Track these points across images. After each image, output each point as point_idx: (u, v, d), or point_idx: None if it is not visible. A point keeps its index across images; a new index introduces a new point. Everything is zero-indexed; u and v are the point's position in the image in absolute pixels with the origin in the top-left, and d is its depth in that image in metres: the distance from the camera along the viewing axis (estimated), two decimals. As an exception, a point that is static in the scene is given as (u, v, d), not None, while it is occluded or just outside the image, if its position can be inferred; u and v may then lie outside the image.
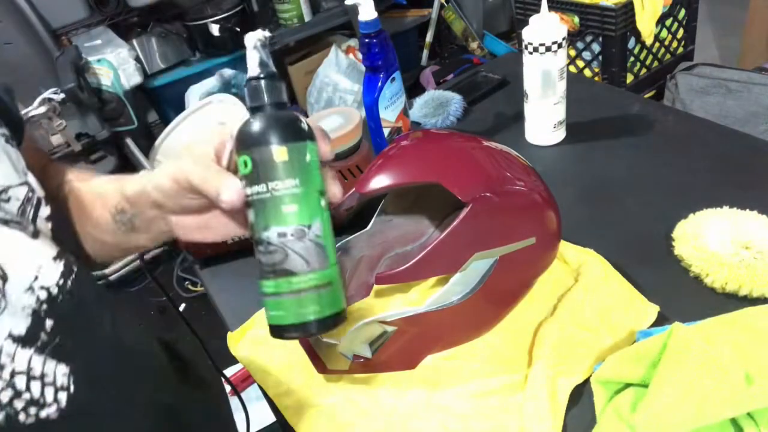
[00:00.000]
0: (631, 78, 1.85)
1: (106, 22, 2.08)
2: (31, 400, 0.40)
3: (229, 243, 0.84)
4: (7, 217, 0.41)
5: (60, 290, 0.43)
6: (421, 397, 0.61)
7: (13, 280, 0.40)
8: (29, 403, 0.40)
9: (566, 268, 0.71)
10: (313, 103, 2.34)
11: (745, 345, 0.54)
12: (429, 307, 0.60)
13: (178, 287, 2.05)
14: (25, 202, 0.44)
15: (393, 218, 0.74)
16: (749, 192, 0.76)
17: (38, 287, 0.42)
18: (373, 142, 0.94)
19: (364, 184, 0.58)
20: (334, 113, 0.82)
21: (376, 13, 0.86)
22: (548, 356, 0.60)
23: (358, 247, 0.72)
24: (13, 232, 0.41)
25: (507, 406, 0.58)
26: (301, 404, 0.63)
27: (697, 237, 0.68)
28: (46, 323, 0.42)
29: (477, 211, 0.57)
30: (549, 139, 0.95)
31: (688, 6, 1.90)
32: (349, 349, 0.62)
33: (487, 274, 0.60)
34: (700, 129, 0.94)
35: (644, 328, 0.62)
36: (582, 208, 0.81)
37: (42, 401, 0.41)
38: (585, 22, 1.77)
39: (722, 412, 0.49)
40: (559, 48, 0.85)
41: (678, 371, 0.50)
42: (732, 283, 0.64)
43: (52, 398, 0.41)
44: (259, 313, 0.74)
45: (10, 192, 0.43)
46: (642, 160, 0.88)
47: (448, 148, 0.62)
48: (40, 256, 0.43)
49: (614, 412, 0.54)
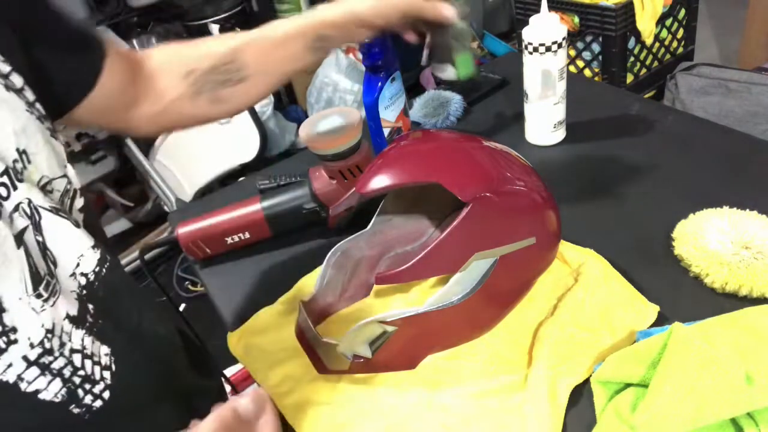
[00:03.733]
0: (631, 78, 1.85)
1: (106, 22, 2.08)
2: (86, 377, 0.44)
3: (228, 243, 0.84)
4: (56, 206, 0.44)
5: (96, 277, 0.46)
6: (421, 397, 0.61)
7: (62, 266, 0.44)
8: (84, 380, 0.44)
9: (566, 268, 0.71)
10: (313, 103, 2.34)
11: (745, 345, 0.54)
12: (429, 307, 0.60)
13: (178, 287, 2.05)
14: (64, 194, 0.47)
15: (393, 218, 0.74)
16: (749, 192, 0.76)
17: (79, 273, 0.45)
18: (373, 142, 0.94)
19: (364, 184, 0.58)
20: (334, 113, 0.82)
21: (376, 13, 0.85)
22: (548, 356, 0.60)
23: (358, 247, 0.72)
24: (62, 220, 0.44)
25: (507, 406, 0.58)
26: (301, 404, 0.62)
27: (697, 237, 0.68)
28: (89, 307, 0.45)
29: (477, 211, 0.57)
30: (549, 139, 0.95)
31: (688, 6, 1.90)
32: (349, 349, 0.62)
33: (487, 274, 0.60)
34: (700, 129, 0.94)
35: (644, 328, 0.62)
36: (582, 208, 0.81)
37: (93, 378, 0.45)
38: (585, 22, 1.77)
39: (722, 412, 0.49)
40: (559, 48, 0.85)
41: (678, 371, 0.50)
42: (732, 283, 0.64)
43: (99, 376, 0.45)
44: (259, 313, 0.74)
45: (54, 183, 0.46)
46: (642, 160, 0.88)
47: (448, 148, 0.62)
48: (81, 245, 0.46)
49: (614, 412, 0.54)
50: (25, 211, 0.42)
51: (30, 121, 0.44)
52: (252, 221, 0.83)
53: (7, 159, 0.41)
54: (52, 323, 0.42)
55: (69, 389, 0.43)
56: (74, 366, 0.43)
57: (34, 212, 0.42)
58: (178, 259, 2.10)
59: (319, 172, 0.83)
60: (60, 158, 0.47)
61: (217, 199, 1.04)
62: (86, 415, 0.45)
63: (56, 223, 0.44)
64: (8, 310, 0.39)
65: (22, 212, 0.41)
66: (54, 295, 0.42)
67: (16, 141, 0.42)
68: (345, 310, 0.72)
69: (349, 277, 0.72)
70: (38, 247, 0.42)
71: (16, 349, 0.40)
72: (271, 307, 0.75)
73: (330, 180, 0.82)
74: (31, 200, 0.42)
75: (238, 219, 0.83)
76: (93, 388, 0.45)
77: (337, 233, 0.83)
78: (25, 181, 0.42)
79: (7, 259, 0.39)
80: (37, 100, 0.46)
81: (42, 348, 0.41)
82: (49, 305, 0.41)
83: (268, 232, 0.85)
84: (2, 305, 0.39)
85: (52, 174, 0.46)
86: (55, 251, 0.43)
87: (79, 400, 0.44)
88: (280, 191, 0.84)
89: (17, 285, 0.40)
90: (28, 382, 0.41)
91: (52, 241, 0.43)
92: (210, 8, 2.20)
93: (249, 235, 0.84)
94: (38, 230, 0.42)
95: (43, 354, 0.41)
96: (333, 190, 0.82)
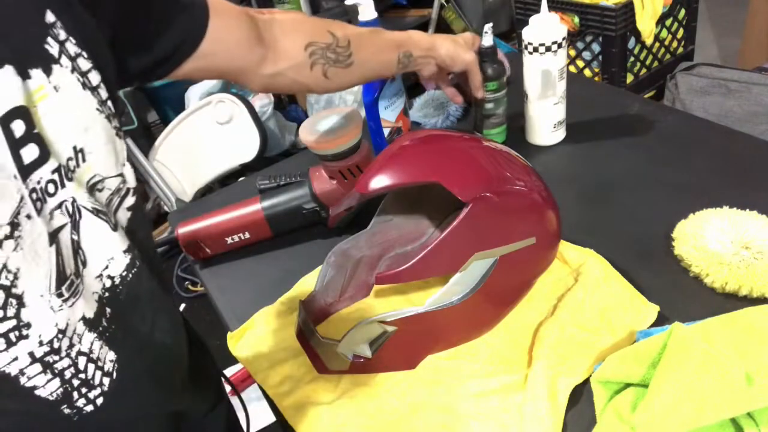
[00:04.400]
0: (631, 78, 1.85)
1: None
2: (85, 380, 0.44)
3: (228, 243, 0.84)
4: (98, 207, 0.44)
5: (122, 281, 0.46)
6: (421, 397, 0.61)
7: (90, 267, 0.44)
8: (83, 383, 0.44)
9: (566, 268, 0.71)
10: (313, 103, 2.34)
11: (745, 345, 0.54)
12: (429, 307, 0.60)
13: (178, 287, 2.05)
14: (114, 193, 0.47)
15: (393, 218, 0.74)
16: (749, 192, 0.76)
17: (106, 276, 0.45)
18: (373, 142, 0.94)
19: (364, 184, 0.58)
20: (334, 113, 0.82)
21: (376, 13, 0.86)
22: (548, 356, 0.60)
23: (358, 247, 0.72)
24: (100, 222, 0.44)
25: (507, 406, 0.58)
26: (301, 404, 0.63)
27: (697, 237, 0.68)
28: (106, 310, 0.45)
29: (477, 211, 0.57)
30: (549, 139, 0.95)
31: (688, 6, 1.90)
32: (349, 349, 0.62)
33: (487, 274, 0.60)
34: (700, 129, 0.94)
35: (644, 328, 0.62)
36: (582, 208, 0.81)
37: (92, 382, 0.45)
38: (585, 22, 1.77)
39: (722, 412, 0.49)
40: (559, 48, 0.85)
41: (678, 371, 0.50)
42: (732, 283, 0.64)
43: (99, 381, 0.45)
44: (259, 313, 0.74)
45: (106, 182, 0.46)
46: (642, 160, 0.88)
47: (448, 148, 0.62)
48: (114, 248, 0.46)
49: (614, 412, 0.54)
50: (67, 210, 0.42)
51: (96, 120, 0.44)
52: (252, 221, 0.83)
53: (62, 157, 0.41)
54: (66, 323, 0.41)
55: (65, 390, 0.43)
56: (77, 368, 0.43)
57: (76, 211, 0.42)
58: (178, 259, 2.10)
59: (319, 172, 0.83)
60: (120, 157, 0.47)
61: (217, 199, 1.04)
62: (75, 417, 0.44)
63: (95, 224, 0.44)
64: (28, 305, 0.39)
65: (64, 210, 0.41)
66: (75, 295, 0.42)
67: (75, 139, 0.42)
68: (345, 310, 0.73)
69: (349, 277, 0.72)
70: (72, 246, 0.42)
71: (25, 344, 0.40)
72: (271, 307, 0.75)
73: (330, 180, 0.82)
74: (76, 199, 0.42)
75: (238, 219, 0.83)
76: (89, 392, 0.44)
77: (337, 233, 0.83)
78: (75, 180, 0.42)
79: (38, 255, 0.39)
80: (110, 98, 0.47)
81: (50, 347, 0.41)
82: (68, 305, 0.41)
83: (268, 232, 0.85)
84: (23, 300, 0.39)
85: (106, 173, 0.46)
86: (87, 252, 0.44)
87: (72, 401, 0.44)
88: (280, 191, 0.84)
89: (42, 281, 0.39)
90: (28, 377, 0.41)
91: (87, 242, 0.43)
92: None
93: (249, 235, 0.84)
94: (75, 229, 0.43)
95: (49, 353, 0.41)
96: (333, 190, 0.82)
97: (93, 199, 0.44)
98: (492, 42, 0.88)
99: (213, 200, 1.09)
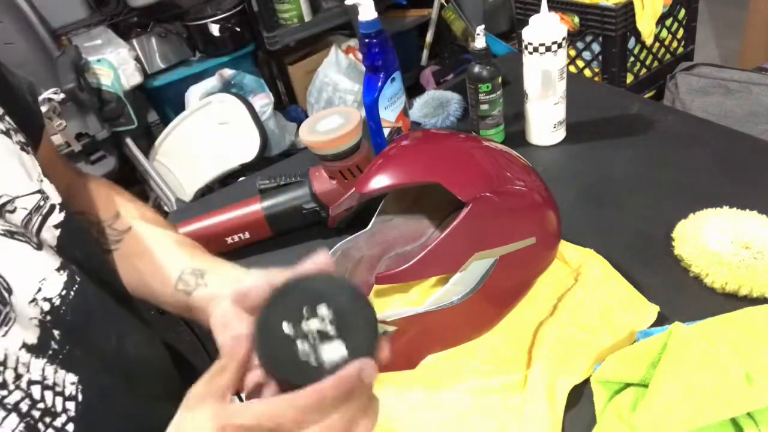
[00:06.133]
0: (631, 78, 1.85)
1: (106, 22, 2.08)
2: (46, 410, 0.41)
3: (228, 243, 0.84)
4: (12, 229, 0.41)
5: (62, 301, 0.43)
6: (421, 397, 0.61)
7: (18, 293, 0.40)
8: (44, 413, 0.40)
9: (566, 268, 0.71)
10: (313, 103, 2.34)
11: (745, 345, 0.54)
12: (429, 307, 0.60)
13: (178, 287, 2.05)
14: (33, 212, 0.44)
15: (393, 218, 0.74)
16: (749, 192, 0.76)
17: (41, 299, 0.42)
18: (373, 142, 0.94)
19: (364, 184, 0.58)
20: (334, 113, 0.82)
21: (376, 13, 0.86)
22: (548, 356, 0.60)
23: (358, 247, 0.72)
24: (18, 243, 0.41)
25: (507, 406, 0.58)
26: (301, 404, 0.62)
27: (697, 237, 0.68)
28: (54, 333, 0.42)
29: (477, 211, 0.57)
30: (549, 139, 0.95)
31: (688, 6, 1.90)
32: (349, 349, 0.62)
33: (487, 274, 0.60)
34: (700, 129, 0.94)
35: (644, 328, 0.62)
36: (582, 208, 0.81)
37: (54, 410, 0.41)
38: (585, 22, 1.77)
39: (722, 412, 0.49)
40: (559, 48, 0.85)
41: (678, 371, 0.50)
42: (732, 283, 0.64)
43: (62, 407, 0.42)
44: (259, 313, 0.74)
45: (17, 203, 0.43)
46: (642, 160, 0.88)
47: (448, 148, 0.62)
48: (43, 268, 0.43)
49: (614, 412, 0.54)
50: None
51: None
52: (252, 221, 0.83)
53: None
54: (4, 355, 0.38)
55: (28, 424, 0.39)
56: (33, 399, 0.40)
57: None
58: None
59: (319, 172, 0.83)
60: (32, 173, 0.44)
61: (217, 199, 1.04)
62: None
63: (11, 246, 0.41)
64: None
65: None
66: (6, 324, 0.39)
67: None
68: (345, 310, 0.72)
69: (349, 277, 0.72)
70: None
71: None
72: (271, 307, 0.75)
73: (330, 180, 0.82)
74: None
75: (238, 219, 0.83)
76: (54, 421, 0.41)
77: (337, 233, 0.83)
78: None
79: None
80: (7, 113, 0.44)
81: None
82: (0, 335, 0.38)
83: (268, 232, 0.85)
84: None
85: (16, 192, 0.43)
86: (9, 277, 0.40)
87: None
88: (280, 191, 0.84)
89: None
90: None
91: (6, 267, 0.40)
92: (210, 8, 2.20)
93: (249, 235, 0.84)
94: None
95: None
96: (333, 190, 0.82)
97: (2, 221, 0.41)
98: (485, 44, 0.89)
99: (213, 200, 1.09)
